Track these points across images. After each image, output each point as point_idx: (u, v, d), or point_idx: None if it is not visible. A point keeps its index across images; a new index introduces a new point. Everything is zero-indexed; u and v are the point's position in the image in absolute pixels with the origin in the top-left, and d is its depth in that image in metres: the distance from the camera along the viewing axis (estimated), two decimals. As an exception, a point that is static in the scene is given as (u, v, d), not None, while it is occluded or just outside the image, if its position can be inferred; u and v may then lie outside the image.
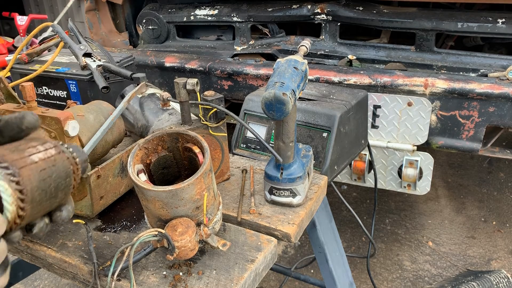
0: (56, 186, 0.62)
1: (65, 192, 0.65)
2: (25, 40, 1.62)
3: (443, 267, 2.41)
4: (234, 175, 1.22)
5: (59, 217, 0.66)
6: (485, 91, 1.75)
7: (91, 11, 2.72)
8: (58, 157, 0.64)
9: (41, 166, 0.60)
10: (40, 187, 0.59)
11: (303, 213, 1.06)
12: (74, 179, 0.66)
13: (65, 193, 0.65)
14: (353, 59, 2.19)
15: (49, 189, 0.61)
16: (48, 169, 0.61)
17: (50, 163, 0.62)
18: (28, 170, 0.58)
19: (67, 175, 0.64)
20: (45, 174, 0.60)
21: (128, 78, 1.37)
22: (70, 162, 0.65)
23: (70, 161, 0.66)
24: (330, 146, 1.29)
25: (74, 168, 0.66)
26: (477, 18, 1.97)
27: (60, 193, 0.64)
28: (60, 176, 0.63)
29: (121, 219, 1.07)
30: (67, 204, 0.67)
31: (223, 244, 0.88)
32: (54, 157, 0.63)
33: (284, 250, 2.61)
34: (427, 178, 1.95)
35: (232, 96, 2.23)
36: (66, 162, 0.65)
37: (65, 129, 0.95)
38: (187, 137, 0.88)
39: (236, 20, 2.41)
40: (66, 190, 0.65)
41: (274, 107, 0.94)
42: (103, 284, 0.88)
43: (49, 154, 0.62)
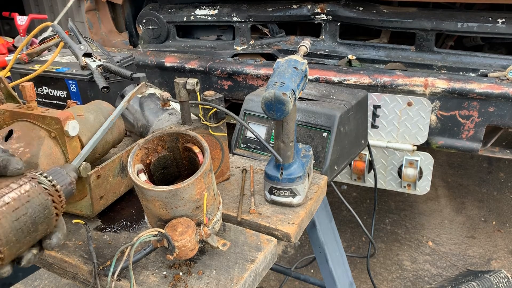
0: (33, 221, 0.62)
1: (46, 224, 0.65)
2: (25, 40, 1.62)
3: (443, 267, 2.41)
4: (234, 175, 1.22)
5: (49, 245, 0.66)
6: (485, 91, 1.75)
7: (91, 11, 2.72)
8: (33, 192, 0.63)
9: (14, 206, 0.60)
10: (15, 227, 0.59)
11: (303, 213, 1.06)
12: (56, 207, 0.66)
13: (46, 224, 0.65)
14: (353, 59, 2.19)
15: (26, 227, 0.61)
16: (21, 207, 0.61)
17: (23, 200, 0.61)
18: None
19: (45, 207, 0.64)
20: (19, 212, 0.60)
21: (128, 78, 1.37)
22: (48, 193, 0.65)
23: (49, 191, 0.65)
24: (330, 146, 1.29)
25: (55, 196, 0.66)
26: (477, 18, 1.97)
27: (40, 226, 0.63)
28: (37, 210, 0.63)
29: (121, 219, 1.07)
30: (57, 232, 0.67)
31: (223, 244, 0.88)
32: (28, 192, 0.62)
33: (284, 250, 2.61)
34: (427, 178, 1.95)
35: (232, 96, 2.24)
36: (43, 195, 0.64)
37: (65, 129, 0.95)
38: (187, 137, 0.88)
39: (236, 20, 2.41)
40: (48, 221, 0.65)
41: (274, 107, 0.94)
42: (103, 284, 0.88)
43: (23, 191, 0.62)
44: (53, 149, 0.96)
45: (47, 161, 0.94)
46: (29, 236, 0.62)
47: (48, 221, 0.65)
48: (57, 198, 0.67)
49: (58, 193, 0.67)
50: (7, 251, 0.59)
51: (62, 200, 0.68)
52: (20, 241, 0.61)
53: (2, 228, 0.58)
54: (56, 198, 0.66)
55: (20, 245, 0.61)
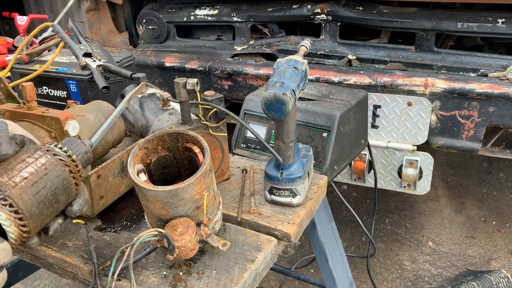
0: (53, 193, 0.63)
1: (67, 194, 0.66)
2: (25, 40, 1.62)
3: (443, 267, 2.41)
4: (234, 175, 1.22)
5: (71, 211, 0.68)
6: (485, 91, 1.75)
7: (91, 11, 2.72)
8: (49, 164, 0.64)
9: (32, 180, 0.61)
10: (36, 200, 0.61)
11: (303, 213, 1.06)
12: (74, 177, 0.67)
13: (67, 194, 0.66)
14: (353, 59, 2.19)
15: (47, 199, 0.62)
16: (40, 180, 0.62)
17: (41, 173, 0.62)
18: (18, 189, 0.59)
19: (63, 178, 0.65)
20: (38, 186, 0.61)
21: (128, 78, 1.37)
22: (64, 164, 0.66)
23: (65, 162, 0.66)
24: (330, 146, 1.29)
25: (72, 166, 0.67)
26: (477, 18, 1.97)
27: (61, 197, 0.65)
28: (55, 182, 0.64)
29: (121, 219, 1.07)
30: (78, 198, 0.69)
31: (223, 244, 0.88)
32: (45, 165, 0.63)
33: (284, 250, 2.61)
34: (427, 178, 1.95)
35: (232, 96, 2.23)
36: (59, 166, 0.65)
37: (65, 129, 0.95)
38: (187, 137, 0.89)
39: (236, 20, 2.41)
40: (68, 192, 0.66)
41: (274, 107, 0.94)
42: (103, 284, 0.88)
43: (40, 164, 0.63)
44: (53, 149, 0.95)
45: (47, 161, 0.94)
46: (51, 207, 0.63)
47: (68, 191, 0.66)
48: (74, 168, 0.67)
49: (75, 163, 0.68)
50: (32, 224, 0.60)
51: (80, 169, 0.69)
52: (43, 213, 0.62)
53: (24, 203, 0.59)
54: (73, 168, 0.67)
55: (44, 217, 0.63)
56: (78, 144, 0.71)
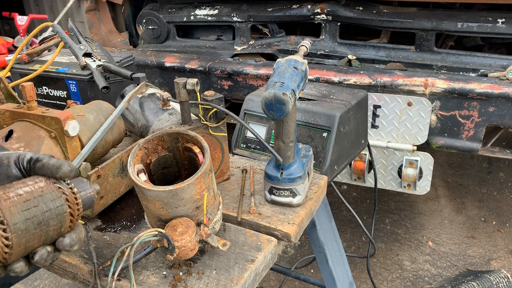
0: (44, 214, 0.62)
1: (59, 220, 0.65)
2: (25, 40, 1.62)
3: (443, 267, 2.41)
4: (234, 175, 1.22)
5: (61, 243, 0.66)
6: (485, 91, 1.75)
7: (91, 11, 2.72)
8: (46, 188, 0.64)
9: (26, 197, 0.61)
10: (24, 216, 0.60)
11: (303, 213, 1.06)
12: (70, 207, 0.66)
13: (59, 221, 0.65)
14: (353, 59, 2.19)
15: (36, 218, 0.61)
16: (33, 199, 0.62)
17: (36, 194, 0.62)
18: (9, 202, 0.59)
19: (58, 204, 0.64)
20: (30, 204, 0.61)
21: (128, 78, 1.38)
22: (62, 191, 0.65)
23: (63, 191, 0.66)
24: (330, 146, 1.29)
25: (70, 197, 0.66)
26: (477, 18, 1.97)
27: (51, 221, 0.64)
28: (48, 205, 0.63)
29: (121, 219, 1.07)
30: (72, 232, 0.67)
31: (223, 244, 0.88)
32: (42, 188, 0.64)
33: (284, 250, 2.61)
34: (427, 178, 1.95)
35: (232, 96, 2.24)
36: (56, 192, 0.65)
37: (65, 129, 0.95)
38: (187, 137, 0.89)
39: (236, 20, 2.41)
40: (60, 219, 0.65)
41: (274, 107, 0.94)
42: (103, 284, 0.88)
43: (37, 186, 0.63)
44: (53, 149, 0.96)
45: (47, 161, 0.94)
46: (39, 228, 0.62)
47: (60, 218, 0.65)
48: (73, 200, 0.67)
49: (74, 195, 0.67)
50: (15, 239, 0.59)
51: (78, 203, 0.68)
52: (29, 232, 0.61)
53: (11, 215, 0.59)
54: (71, 199, 0.67)
55: (29, 237, 0.61)
56: (85, 184, 0.71)
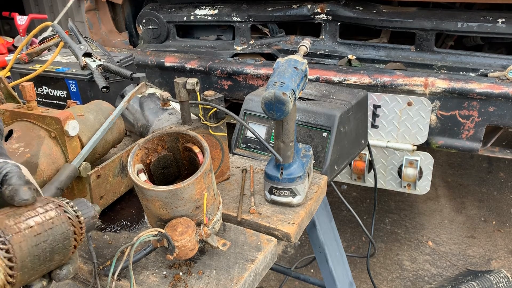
0: (51, 249, 0.61)
1: (63, 254, 0.64)
2: (25, 40, 1.62)
3: (443, 266, 2.41)
4: (234, 175, 1.22)
5: (58, 275, 0.65)
6: (485, 91, 1.75)
7: (91, 11, 2.72)
8: (57, 220, 0.63)
9: (36, 230, 0.60)
10: (32, 253, 0.59)
11: (303, 213, 1.06)
12: (75, 239, 0.65)
13: (63, 255, 0.64)
14: (353, 59, 2.19)
15: (43, 254, 0.60)
16: (43, 233, 0.60)
17: (47, 226, 0.61)
18: (20, 236, 0.57)
19: (65, 237, 0.63)
20: (40, 239, 0.60)
21: (128, 78, 1.37)
22: (71, 223, 0.64)
23: (72, 222, 0.65)
24: (330, 146, 1.29)
25: (77, 228, 0.65)
26: (477, 18, 1.97)
27: (56, 256, 0.63)
28: (57, 239, 0.62)
29: (121, 219, 1.07)
30: (68, 264, 0.66)
31: (223, 244, 0.88)
32: (53, 219, 0.62)
33: (284, 250, 2.61)
34: (427, 177, 1.95)
35: (232, 96, 2.23)
36: (66, 224, 0.64)
37: (65, 129, 0.95)
38: (187, 137, 0.89)
39: (236, 20, 2.41)
40: (65, 252, 0.64)
41: (274, 107, 0.94)
42: (103, 283, 0.88)
43: (48, 217, 0.62)
44: (53, 149, 0.96)
45: (47, 161, 0.94)
46: (43, 264, 0.61)
47: (65, 252, 0.64)
48: (79, 230, 0.66)
49: (81, 225, 0.67)
50: (20, 277, 0.58)
51: (83, 233, 0.68)
52: (34, 269, 0.60)
53: (21, 252, 0.57)
54: (78, 230, 0.66)
55: (33, 273, 0.60)
56: (88, 208, 0.71)
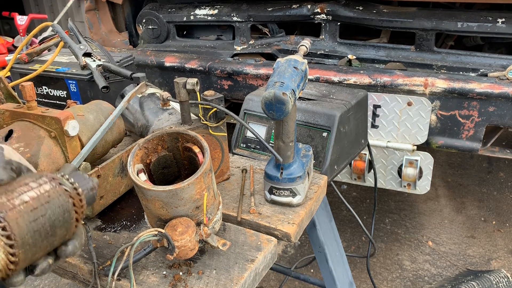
0: (52, 224, 0.58)
1: (65, 228, 0.61)
2: (25, 40, 1.62)
3: (443, 266, 2.42)
4: (234, 175, 1.22)
5: (64, 252, 0.62)
6: (485, 91, 1.75)
7: (91, 11, 2.72)
8: (53, 193, 0.59)
9: (32, 205, 0.56)
10: (32, 229, 0.55)
11: (303, 213, 1.06)
12: (76, 211, 0.62)
13: (65, 228, 0.61)
14: (353, 59, 2.19)
15: (44, 229, 0.57)
16: (40, 207, 0.57)
17: (43, 200, 0.58)
18: (16, 212, 0.54)
19: (65, 210, 0.60)
20: (37, 213, 0.56)
21: (128, 78, 1.37)
22: (69, 195, 0.61)
23: (70, 194, 0.61)
24: (330, 146, 1.29)
25: (76, 200, 0.62)
26: (477, 17, 1.97)
27: (59, 230, 0.60)
28: (56, 213, 0.59)
29: (121, 219, 1.07)
30: (74, 239, 0.63)
31: (223, 243, 0.88)
32: (48, 193, 0.59)
33: (284, 250, 2.61)
34: (427, 177, 1.95)
35: (232, 96, 2.23)
36: (64, 196, 0.60)
37: (65, 129, 0.95)
38: (187, 137, 0.89)
39: (236, 20, 2.41)
40: (67, 226, 0.61)
41: (274, 107, 0.94)
42: (103, 283, 0.88)
43: (43, 190, 0.58)
44: (53, 149, 0.96)
45: (47, 160, 0.94)
46: (46, 240, 0.58)
47: (67, 225, 0.61)
48: (78, 202, 0.63)
49: (80, 197, 0.63)
50: (22, 255, 0.55)
51: (83, 205, 0.64)
52: (36, 245, 0.57)
53: (19, 229, 0.54)
54: (77, 201, 0.62)
55: (36, 250, 0.57)
56: (86, 179, 0.67)
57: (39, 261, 0.59)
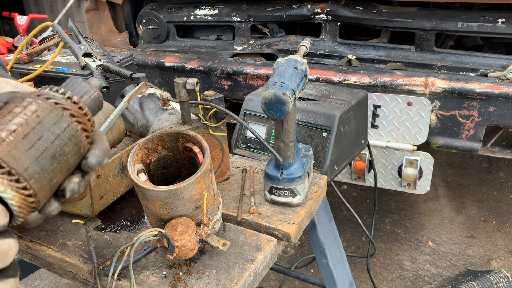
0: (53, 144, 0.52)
1: (74, 143, 0.54)
2: (25, 40, 1.62)
3: (443, 266, 2.41)
4: (234, 175, 1.22)
5: (86, 165, 0.56)
6: (485, 91, 1.75)
7: (91, 11, 2.72)
8: (41, 111, 0.52)
9: (23, 132, 0.50)
10: (32, 155, 0.50)
11: (303, 213, 1.06)
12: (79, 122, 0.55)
13: (75, 143, 0.54)
14: (353, 59, 2.19)
15: (47, 152, 0.51)
16: (32, 131, 0.51)
17: (33, 123, 0.51)
18: (6, 145, 0.48)
19: (64, 124, 0.53)
20: (32, 138, 0.50)
21: (128, 78, 1.37)
22: (61, 107, 0.54)
23: (63, 105, 0.54)
24: (330, 146, 1.29)
25: (74, 109, 0.55)
26: (477, 18, 1.97)
27: (66, 148, 0.53)
28: (54, 131, 0.52)
29: (121, 219, 1.07)
30: (93, 148, 0.56)
31: (223, 243, 0.88)
32: (36, 113, 0.52)
33: (284, 250, 2.61)
34: (427, 177, 1.95)
35: (232, 96, 2.23)
36: (56, 111, 0.53)
37: (65, 129, 0.95)
38: (187, 137, 0.89)
39: (236, 20, 2.41)
40: (75, 140, 0.54)
41: (274, 107, 0.94)
42: (103, 283, 0.88)
43: (29, 112, 0.51)
44: (53, 149, 0.95)
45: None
46: (56, 162, 0.51)
47: (75, 140, 0.54)
48: (78, 111, 0.55)
49: (78, 105, 0.55)
50: (36, 185, 0.49)
51: (86, 112, 0.56)
52: (47, 170, 0.51)
53: (16, 161, 0.48)
54: (76, 111, 0.55)
55: (50, 175, 0.51)
56: (80, 84, 0.58)
57: (64, 183, 0.54)
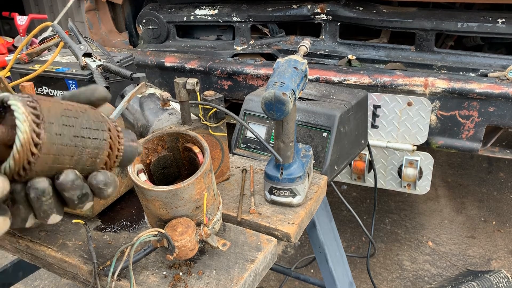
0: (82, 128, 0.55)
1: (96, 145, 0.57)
2: (25, 40, 1.62)
3: (443, 267, 2.41)
4: (234, 175, 1.22)
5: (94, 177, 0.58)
6: (485, 91, 1.75)
7: (91, 11, 2.72)
8: (90, 110, 0.58)
9: (67, 107, 0.55)
10: (62, 121, 0.53)
11: (303, 213, 1.06)
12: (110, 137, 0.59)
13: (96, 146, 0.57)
14: (353, 59, 2.19)
15: (74, 129, 0.54)
16: (75, 111, 0.55)
17: (79, 109, 0.56)
18: (49, 103, 0.53)
19: (99, 126, 0.57)
20: (70, 113, 0.55)
21: (128, 78, 1.37)
22: (105, 120, 0.59)
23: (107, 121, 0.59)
24: (330, 146, 1.29)
25: (113, 132, 0.59)
26: (477, 18, 1.97)
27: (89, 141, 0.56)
28: (90, 122, 0.57)
29: (121, 219, 1.07)
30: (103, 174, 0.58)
31: (223, 244, 0.88)
32: (86, 108, 0.58)
33: (284, 250, 2.61)
34: (427, 177, 1.95)
35: (232, 96, 2.24)
36: (100, 117, 0.58)
37: (65, 129, 0.95)
38: (187, 137, 0.89)
39: (236, 20, 2.41)
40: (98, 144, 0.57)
41: (274, 107, 0.94)
42: (103, 284, 0.88)
43: (82, 106, 0.57)
44: (53, 149, 0.95)
45: (47, 161, 0.94)
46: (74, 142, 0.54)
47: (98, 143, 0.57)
48: (115, 135, 0.59)
49: (118, 133, 0.59)
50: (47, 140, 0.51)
51: (120, 141, 0.60)
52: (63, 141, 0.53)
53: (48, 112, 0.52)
54: (114, 133, 0.59)
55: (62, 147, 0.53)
56: (131, 134, 0.63)
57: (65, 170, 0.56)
